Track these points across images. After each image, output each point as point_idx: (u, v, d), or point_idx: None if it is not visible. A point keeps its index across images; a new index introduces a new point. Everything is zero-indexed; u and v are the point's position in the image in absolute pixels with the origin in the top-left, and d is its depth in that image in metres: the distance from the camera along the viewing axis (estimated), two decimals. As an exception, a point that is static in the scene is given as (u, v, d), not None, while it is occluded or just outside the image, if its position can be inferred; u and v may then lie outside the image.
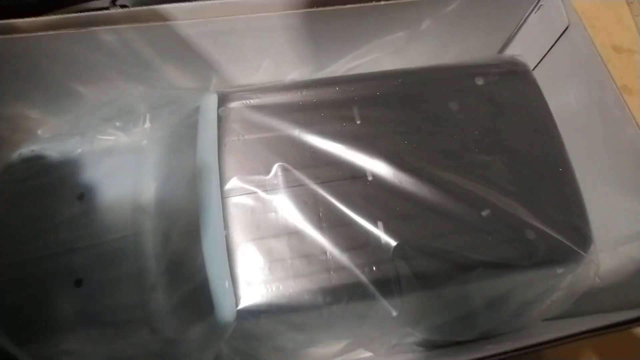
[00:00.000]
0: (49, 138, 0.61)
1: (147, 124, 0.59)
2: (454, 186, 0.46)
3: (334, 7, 0.53)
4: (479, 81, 0.51)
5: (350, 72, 0.65)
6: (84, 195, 0.56)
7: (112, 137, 0.58)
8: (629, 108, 0.48)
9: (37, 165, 0.58)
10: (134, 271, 0.51)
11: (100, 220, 0.54)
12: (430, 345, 0.48)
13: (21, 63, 0.55)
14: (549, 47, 0.58)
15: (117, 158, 0.57)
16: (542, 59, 0.61)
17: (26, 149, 0.60)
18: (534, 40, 0.63)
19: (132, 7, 0.67)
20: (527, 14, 0.62)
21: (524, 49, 0.65)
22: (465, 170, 0.47)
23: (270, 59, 0.61)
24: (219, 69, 0.62)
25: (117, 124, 0.59)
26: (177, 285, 0.48)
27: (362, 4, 0.53)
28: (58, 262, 0.53)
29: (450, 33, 0.63)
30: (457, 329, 0.45)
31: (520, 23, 0.63)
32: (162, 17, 0.52)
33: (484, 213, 0.45)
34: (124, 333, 0.50)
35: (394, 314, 0.40)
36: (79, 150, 0.58)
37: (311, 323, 0.44)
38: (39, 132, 0.67)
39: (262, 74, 0.63)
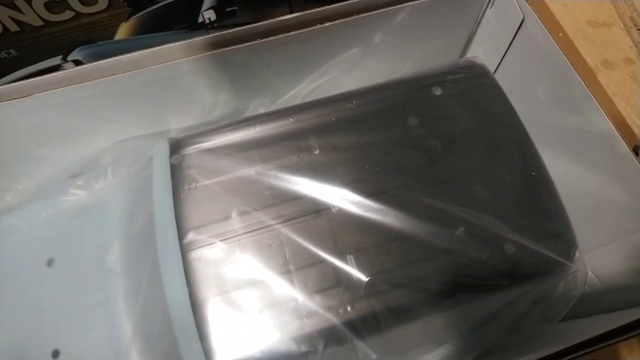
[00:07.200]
0: (15, 205, 0.60)
1: (110, 178, 0.57)
2: (423, 207, 0.43)
3: (278, 37, 0.51)
4: (437, 91, 0.49)
5: (311, 94, 0.63)
6: (53, 260, 0.54)
7: (74, 197, 0.56)
8: (594, 95, 0.45)
9: (4, 234, 0.57)
10: (109, 337, 0.49)
11: (71, 286, 0.52)
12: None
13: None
14: (508, 43, 0.56)
15: (82, 217, 0.55)
16: (504, 57, 0.58)
17: (-7, 219, 0.58)
18: (492, 38, 0.61)
19: (84, 60, 0.67)
20: (482, 12, 0.60)
21: (485, 48, 0.62)
22: (432, 188, 0.44)
23: (226, 94, 0.59)
24: (177, 112, 0.60)
25: (79, 182, 0.57)
26: (148, 350, 0.46)
27: (306, 29, 0.52)
28: (31, 334, 0.51)
29: (404, 43, 0.61)
30: (450, 355, 0.43)
31: (477, 22, 0.61)
32: (106, 72, 0.51)
33: (458, 232, 0.43)
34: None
35: (374, 356, 0.38)
36: (44, 215, 0.56)
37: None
38: (8, 198, 0.66)
39: (221, 110, 0.62)
